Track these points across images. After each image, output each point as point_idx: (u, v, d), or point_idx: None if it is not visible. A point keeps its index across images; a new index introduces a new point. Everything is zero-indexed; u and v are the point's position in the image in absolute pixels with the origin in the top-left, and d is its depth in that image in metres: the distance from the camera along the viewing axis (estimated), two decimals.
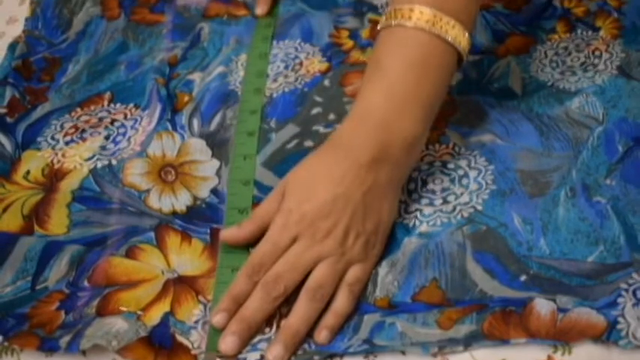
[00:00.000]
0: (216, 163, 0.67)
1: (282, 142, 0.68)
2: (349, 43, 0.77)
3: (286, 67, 0.75)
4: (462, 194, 0.61)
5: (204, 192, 0.65)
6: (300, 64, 0.75)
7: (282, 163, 0.65)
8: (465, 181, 0.62)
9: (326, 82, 0.73)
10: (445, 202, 0.60)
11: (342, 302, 0.55)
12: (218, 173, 0.66)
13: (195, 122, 0.70)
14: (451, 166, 0.63)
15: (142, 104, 0.72)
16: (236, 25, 0.81)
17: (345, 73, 0.73)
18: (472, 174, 0.62)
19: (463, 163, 0.63)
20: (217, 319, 0.54)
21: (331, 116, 0.69)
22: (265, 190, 0.63)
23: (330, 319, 0.54)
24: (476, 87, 0.70)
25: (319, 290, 0.54)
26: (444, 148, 0.65)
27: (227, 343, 0.53)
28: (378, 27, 0.62)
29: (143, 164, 0.66)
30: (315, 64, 0.75)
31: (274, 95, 0.72)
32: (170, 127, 0.70)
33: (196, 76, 0.75)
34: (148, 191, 0.64)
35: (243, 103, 0.71)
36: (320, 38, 0.78)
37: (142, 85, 0.74)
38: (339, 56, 0.76)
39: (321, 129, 0.68)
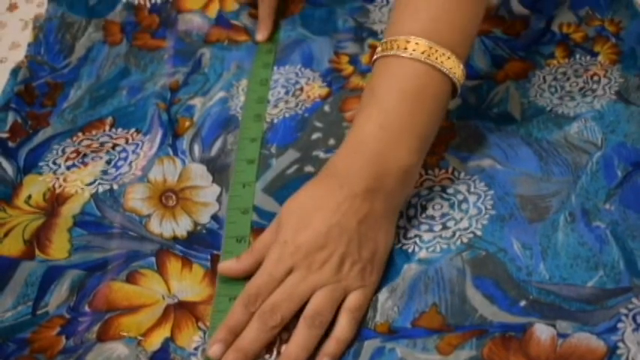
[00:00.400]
0: (216, 189, 0.67)
1: (282, 167, 0.68)
2: (349, 69, 0.77)
3: (287, 93, 0.75)
4: (461, 219, 0.61)
5: (204, 217, 0.65)
6: (301, 89, 0.75)
7: (283, 188, 0.66)
8: (464, 206, 0.62)
9: (326, 108, 0.73)
10: (445, 227, 0.60)
11: (343, 328, 0.55)
12: (219, 199, 0.66)
13: (196, 147, 0.70)
14: (450, 191, 0.63)
15: (144, 129, 0.72)
16: (237, 51, 0.81)
17: (344, 98, 0.74)
18: (471, 199, 0.62)
19: (462, 188, 0.63)
20: (214, 349, 0.54)
21: (331, 141, 0.69)
22: (266, 215, 0.64)
23: (331, 346, 0.54)
24: (475, 112, 0.70)
25: (317, 317, 0.54)
26: (444, 173, 0.65)
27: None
28: (374, 57, 0.62)
29: (144, 189, 0.67)
30: (316, 89, 0.75)
31: (275, 121, 0.72)
32: (171, 152, 0.70)
33: (197, 102, 0.75)
34: (148, 216, 0.65)
35: (243, 131, 0.71)
36: (320, 64, 0.78)
37: (143, 110, 0.74)
38: (339, 81, 0.76)
39: (321, 154, 0.68)
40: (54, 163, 0.69)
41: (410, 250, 0.59)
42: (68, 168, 0.69)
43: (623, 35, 0.74)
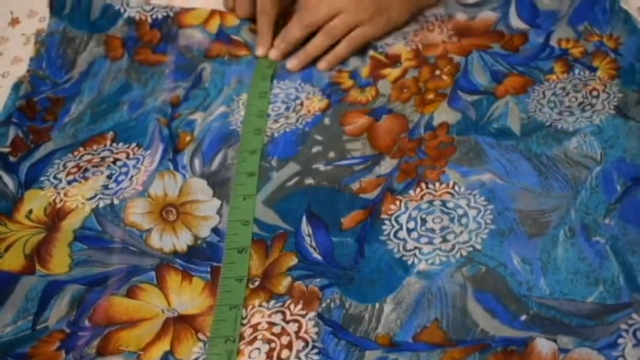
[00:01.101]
0: (217, 202, 0.67)
1: (282, 180, 0.68)
2: (348, 83, 0.78)
3: (287, 109, 0.76)
4: (461, 233, 0.61)
5: (205, 231, 0.65)
6: (301, 104, 0.76)
7: (283, 200, 0.66)
8: (464, 220, 0.62)
9: (326, 121, 0.73)
10: (444, 240, 0.61)
11: (341, 46, 0.80)
12: (219, 212, 0.66)
13: (197, 162, 0.70)
14: (451, 205, 0.63)
15: (144, 144, 0.72)
16: (237, 65, 0.81)
17: (344, 112, 0.74)
18: (471, 213, 0.62)
19: (463, 202, 0.63)
20: (275, 39, 0.83)
21: (331, 154, 0.70)
22: (266, 227, 0.64)
23: (330, 56, 0.80)
24: (475, 127, 0.70)
25: (332, 30, 0.79)
26: (444, 187, 0.65)
27: (273, 52, 0.82)
28: None
29: (145, 204, 0.67)
30: (315, 102, 0.76)
31: (275, 135, 0.73)
32: (172, 167, 0.70)
33: (198, 116, 0.75)
34: (149, 231, 0.65)
35: (243, 144, 0.71)
36: (320, 80, 0.79)
37: (144, 125, 0.74)
38: (338, 94, 0.77)
39: (322, 167, 0.69)
40: (55, 177, 0.69)
41: (410, 262, 0.59)
42: (69, 182, 0.69)
43: (622, 50, 0.75)
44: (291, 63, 0.80)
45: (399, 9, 0.81)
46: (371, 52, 0.80)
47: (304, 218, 0.64)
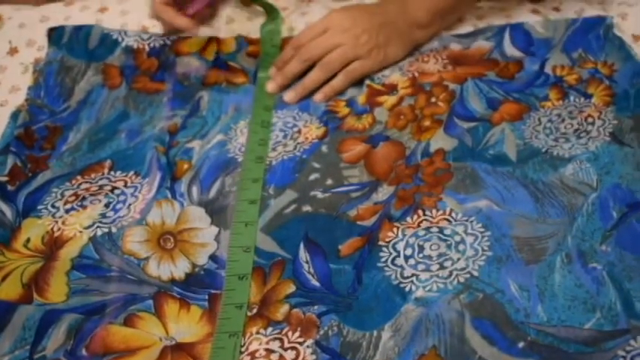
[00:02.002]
0: (214, 229, 0.67)
1: (280, 207, 0.68)
2: (345, 110, 0.78)
3: (285, 137, 0.76)
4: (458, 260, 0.61)
5: (202, 259, 0.65)
6: (299, 131, 0.76)
7: (281, 228, 0.66)
8: (461, 246, 0.62)
9: (324, 149, 0.74)
10: (441, 267, 0.61)
11: (338, 79, 0.81)
12: (217, 239, 0.66)
13: (195, 190, 0.70)
14: (448, 231, 0.63)
15: (142, 172, 0.72)
16: (235, 93, 0.82)
17: (341, 139, 0.74)
18: (468, 240, 0.62)
19: (460, 229, 0.63)
20: (272, 71, 0.83)
21: (329, 181, 0.70)
22: (264, 255, 0.64)
23: (327, 88, 0.81)
24: (471, 153, 0.70)
25: (329, 64, 0.80)
26: (441, 214, 0.65)
27: (271, 85, 0.82)
28: None
29: (142, 232, 0.67)
30: (313, 130, 0.76)
31: (273, 163, 0.73)
32: (169, 195, 0.70)
33: (196, 144, 0.76)
34: (147, 259, 0.64)
35: (245, 172, 0.72)
36: (317, 108, 0.79)
37: (142, 153, 0.74)
38: (335, 121, 0.77)
39: (319, 194, 0.69)
40: (53, 206, 0.69)
41: (407, 289, 0.59)
42: (67, 211, 0.69)
43: (617, 77, 0.75)
44: (289, 96, 0.81)
45: (396, 45, 0.81)
46: (367, 82, 0.81)
47: (302, 245, 0.64)
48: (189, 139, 0.76)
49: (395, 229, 0.64)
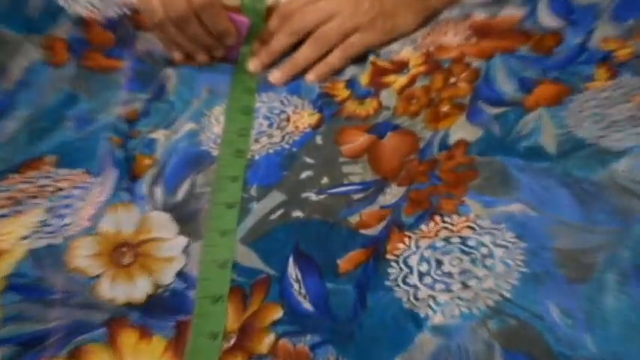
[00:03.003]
0: (183, 240, 0.67)
1: (264, 212, 0.68)
2: (344, 93, 0.79)
3: (270, 125, 0.76)
4: (485, 278, 0.60)
5: (168, 277, 0.64)
6: (287, 119, 0.77)
7: (265, 238, 0.66)
8: (489, 261, 0.61)
9: (318, 140, 0.74)
10: (465, 287, 0.60)
11: (333, 56, 0.81)
12: (185, 251, 0.66)
13: (159, 191, 0.71)
14: (472, 242, 0.63)
15: (94, 170, 0.73)
16: (209, 72, 0.83)
17: (339, 129, 0.75)
18: (498, 253, 0.62)
19: (487, 239, 0.63)
20: (255, 46, 0.84)
21: (324, 180, 0.70)
22: (245, 272, 0.64)
23: (320, 67, 0.81)
24: (500, 146, 0.70)
25: (323, 38, 0.80)
26: (463, 221, 0.64)
27: (253, 63, 0.83)
28: None
29: (93, 243, 0.66)
30: (305, 117, 0.77)
31: (256, 157, 0.73)
32: (127, 198, 0.70)
33: (160, 135, 0.76)
34: (98, 277, 0.64)
35: (221, 168, 0.72)
36: (310, 91, 0.80)
37: (93, 146, 0.75)
38: (332, 106, 0.77)
39: (313, 196, 0.69)
40: None
41: (422, 314, 0.59)
42: None
43: None
44: (275, 76, 0.81)
45: (406, 13, 0.82)
46: (371, 58, 0.82)
47: (291, 260, 0.64)
48: (152, 128, 0.77)
49: (406, 240, 0.64)
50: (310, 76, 0.80)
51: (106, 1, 0.87)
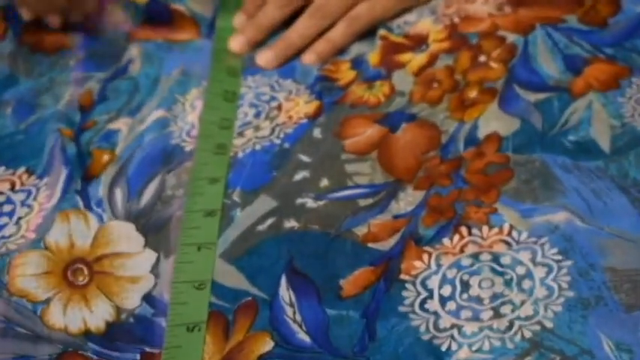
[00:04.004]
0: (151, 255, 0.67)
1: (250, 222, 0.69)
2: (349, 75, 0.79)
3: (257, 115, 0.76)
4: (522, 304, 0.61)
5: (132, 300, 0.65)
6: (279, 107, 0.77)
7: (252, 253, 0.66)
8: (527, 283, 0.62)
9: (316, 133, 0.74)
10: (497, 315, 0.60)
11: (336, 31, 0.81)
12: (154, 270, 0.66)
13: (119, 195, 0.71)
14: (506, 260, 0.63)
15: (39, 168, 0.73)
16: (181, 51, 0.83)
17: (342, 118, 0.75)
18: (538, 273, 0.62)
19: (524, 256, 0.63)
20: (239, 19, 0.85)
21: (324, 182, 0.71)
22: (226, 294, 0.64)
23: (320, 44, 0.81)
24: (541, 140, 0.71)
25: (321, 9, 0.81)
26: (496, 233, 0.65)
27: (236, 41, 0.83)
28: None
29: (40, 260, 0.67)
30: (300, 105, 0.77)
31: (240, 155, 0.73)
32: (81, 204, 0.70)
33: (122, 124, 0.76)
34: (47, 301, 0.64)
35: (198, 167, 0.72)
36: (307, 73, 0.80)
37: (38, 139, 0.75)
38: (334, 92, 0.78)
39: (310, 202, 0.69)
40: None
41: (444, 347, 0.59)
42: None
43: None
44: (265, 57, 0.81)
45: None
46: (382, 32, 0.81)
47: (284, 279, 0.64)
48: (112, 115, 0.77)
49: (425, 257, 0.64)
50: (308, 57, 0.80)
51: None
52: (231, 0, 0.85)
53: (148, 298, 0.65)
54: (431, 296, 0.62)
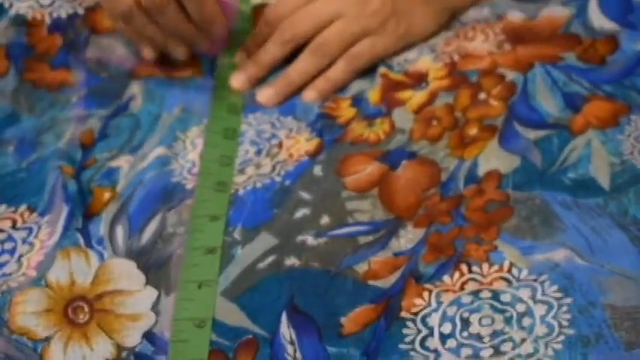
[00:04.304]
0: (152, 293, 0.67)
1: (251, 260, 0.68)
2: (349, 112, 0.79)
3: (258, 153, 0.76)
4: (522, 342, 0.61)
5: (133, 337, 0.65)
6: (279, 145, 0.77)
7: (252, 291, 0.66)
8: (527, 321, 0.62)
9: (317, 170, 0.74)
10: (497, 352, 0.60)
11: (336, 69, 0.82)
12: (155, 308, 0.66)
13: (120, 232, 0.71)
14: (506, 298, 0.63)
15: (40, 206, 0.73)
16: (182, 88, 0.83)
17: (343, 156, 0.75)
18: (538, 311, 0.62)
19: (524, 293, 0.63)
20: (240, 56, 0.85)
21: (324, 220, 0.70)
22: (228, 332, 0.64)
23: (321, 82, 0.81)
24: (540, 178, 0.71)
25: (321, 47, 0.81)
26: (496, 271, 0.65)
27: (237, 78, 0.83)
28: None
29: (41, 298, 0.66)
30: (301, 143, 0.77)
31: (240, 192, 0.73)
32: (82, 241, 0.70)
33: (123, 162, 0.76)
34: (47, 339, 0.64)
35: (199, 205, 0.72)
36: (307, 110, 0.80)
37: (39, 177, 0.75)
38: (334, 129, 0.78)
39: (310, 239, 0.69)
40: None
41: None
42: None
43: None
44: (266, 94, 0.81)
45: (423, 13, 0.82)
46: (382, 69, 0.81)
47: (284, 317, 0.64)
48: (113, 153, 0.77)
49: (425, 294, 0.64)
50: (308, 95, 0.80)
51: None
52: (232, 37, 0.84)
53: (148, 336, 0.64)
54: (431, 334, 0.62)
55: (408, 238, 0.68)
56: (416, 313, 0.63)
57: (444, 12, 0.83)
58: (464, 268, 0.65)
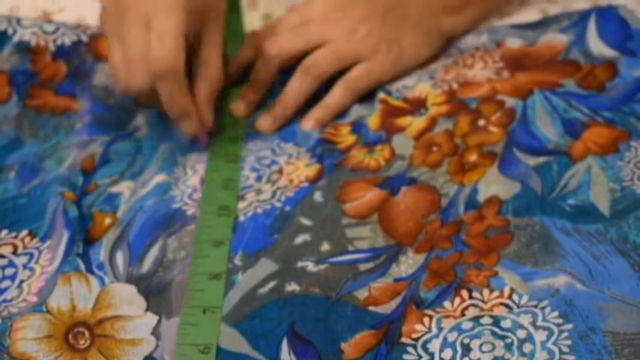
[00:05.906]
0: (152, 318, 0.67)
1: (251, 285, 0.68)
2: (349, 139, 0.79)
3: (259, 179, 0.76)
4: None
5: None
6: (280, 171, 0.77)
7: (253, 317, 0.66)
8: (527, 347, 0.61)
9: (317, 196, 0.74)
10: None
11: (333, 95, 0.81)
12: (156, 333, 0.66)
13: (121, 258, 0.71)
14: (507, 324, 0.63)
15: (41, 231, 0.73)
16: None
17: (343, 182, 0.75)
18: (538, 337, 0.62)
19: (525, 319, 0.63)
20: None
21: (325, 246, 0.70)
22: (228, 358, 0.64)
23: (318, 110, 0.81)
24: (541, 204, 0.70)
25: (314, 67, 0.81)
26: (496, 297, 0.65)
27: (237, 107, 0.83)
28: None
29: (42, 323, 0.66)
30: (301, 168, 0.77)
31: (241, 218, 0.73)
32: (82, 267, 0.70)
33: (124, 188, 0.76)
34: None
35: (202, 230, 0.72)
36: (307, 137, 0.80)
37: (40, 203, 0.75)
38: (334, 155, 0.78)
39: (310, 266, 0.69)
40: None
41: None
42: None
43: None
44: (264, 123, 0.81)
45: (414, 37, 0.82)
46: (381, 95, 0.82)
47: (285, 343, 0.64)
48: (114, 178, 0.77)
49: (426, 320, 0.64)
50: (307, 124, 0.80)
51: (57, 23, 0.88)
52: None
53: None
54: (433, 359, 0.62)
55: (408, 263, 0.68)
56: (417, 339, 0.63)
57: (435, 36, 0.83)
58: (464, 293, 0.65)
